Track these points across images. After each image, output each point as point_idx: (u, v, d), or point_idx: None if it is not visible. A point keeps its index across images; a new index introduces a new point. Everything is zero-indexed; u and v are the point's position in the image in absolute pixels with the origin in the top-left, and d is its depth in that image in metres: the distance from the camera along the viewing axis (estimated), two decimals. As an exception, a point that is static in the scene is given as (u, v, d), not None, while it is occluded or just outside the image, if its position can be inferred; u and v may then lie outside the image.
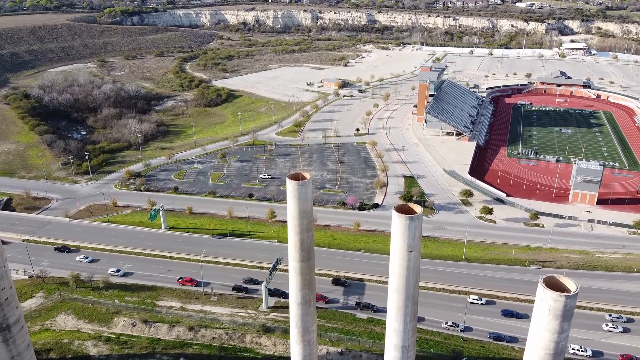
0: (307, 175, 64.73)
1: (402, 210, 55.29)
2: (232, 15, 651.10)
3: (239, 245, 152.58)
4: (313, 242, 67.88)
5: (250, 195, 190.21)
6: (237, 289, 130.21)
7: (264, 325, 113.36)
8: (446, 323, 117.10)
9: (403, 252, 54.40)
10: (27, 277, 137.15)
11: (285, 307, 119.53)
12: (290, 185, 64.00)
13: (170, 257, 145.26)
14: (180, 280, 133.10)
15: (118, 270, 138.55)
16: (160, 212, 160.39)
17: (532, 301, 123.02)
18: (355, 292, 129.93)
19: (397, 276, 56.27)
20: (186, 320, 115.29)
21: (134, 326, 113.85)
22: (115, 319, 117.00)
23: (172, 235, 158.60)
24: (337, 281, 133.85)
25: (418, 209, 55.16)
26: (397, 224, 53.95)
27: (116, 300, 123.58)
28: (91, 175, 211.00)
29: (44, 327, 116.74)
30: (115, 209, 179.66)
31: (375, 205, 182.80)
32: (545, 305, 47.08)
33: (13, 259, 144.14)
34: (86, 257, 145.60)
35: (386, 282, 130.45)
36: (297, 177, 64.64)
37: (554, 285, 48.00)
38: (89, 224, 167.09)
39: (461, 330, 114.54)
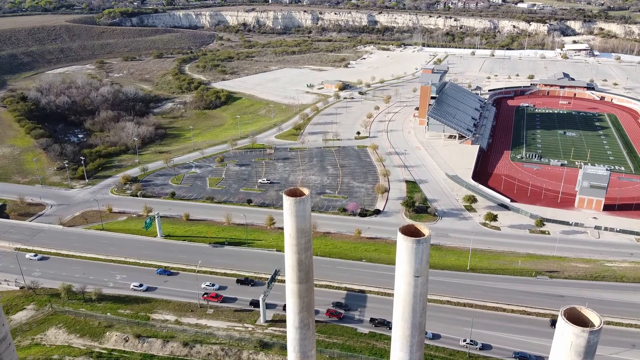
0: (306, 191, 60.43)
1: (408, 231, 51.05)
2: (232, 16, 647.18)
3: (237, 255, 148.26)
4: (312, 262, 63.64)
5: (249, 201, 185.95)
6: (254, 304, 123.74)
7: (262, 340, 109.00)
8: (464, 341, 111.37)
9: (409, 278, 50.18)
10: (18, 288, 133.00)
11: (284, 321, 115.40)
12: (287, 202, 59.68)
13: (165, 267, 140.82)
14: (205, 295, 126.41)
15: (141, 285, 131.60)
16: (156, 219, 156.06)
17: (539, 314, 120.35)
18: (360, 306, 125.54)
19: (402, 303, 52.05)
20: (181, 335, 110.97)
21: (127, 341, 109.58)
22: (107, 333, 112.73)
23: (168, 244, 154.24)
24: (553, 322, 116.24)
25: (426, 230, 50.90)
26: (403, 248, 49.72)
27: (108, 314, 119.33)
28: (87, 180, 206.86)
29: (34, 342, 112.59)
30: (110, 216, 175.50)
31: (377, 212, 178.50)
32: (567, 341, 42.92)
33: (4, 268, 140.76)
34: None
35: (389, 294, 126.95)
36: (294, 193, 60.38)
37: (576, 317, 43.84)
38: (82, 231, 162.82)
39: (480, 349, 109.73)
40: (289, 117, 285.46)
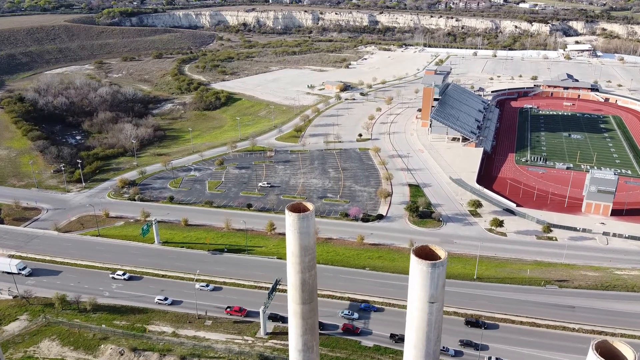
0: (310, 206, 56.47)
1: (422, 253, 47.12)
2: (232, 16, 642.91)
3: (236, 262, 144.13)
4: (316, 282, 59.70)
5: (249, 206, 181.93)
6: (273, 317, 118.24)
7: (262, 354, 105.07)
8: (489, 359, 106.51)
9: (423, 304, 46.26)
10: (11, 297, 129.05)
11: (285, 334, 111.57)
12: (290, 218, 55.68)
13: (162, 276, 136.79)
14: (228, 309, 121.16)
15: (165, 299, 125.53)
16: (153, 226, 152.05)
17: (550, 326, 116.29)
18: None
19: (415, 331, 48.14)
20: (178, 349, 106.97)
21: (122, 355, 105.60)
22: (102, 346, 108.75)
23: (166, 251, 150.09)
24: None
25: (441, 252, 46.97)
26: (417, 271, 45.78)
27: (103, 325, 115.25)
28: (84, 183, 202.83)
29: (27, 355, 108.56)
30: (107, 221, 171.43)
31: (380, 217, 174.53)
32: (599, 379, 38.99)
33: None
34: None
35: (394, 305, 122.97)
36: (297, 208, 56.38)
37: (608, 352, 39.95)
38: (78, 237, 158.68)
39: None
40: (290, 119, 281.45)
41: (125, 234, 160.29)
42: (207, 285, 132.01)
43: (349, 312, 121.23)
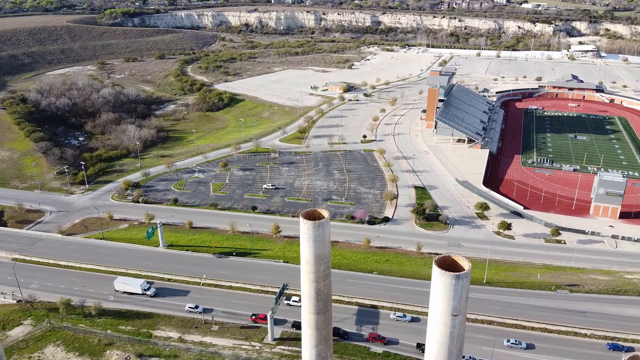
0: (325, 214, 54.81)
1: (444, 263, 45.47)
2: (235, 17, 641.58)
3: (242, 266, 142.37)
4: (330, 291, 57.99)
5: (254, 208, 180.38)
6: (296, 325, 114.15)
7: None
8: None
9: (446, 317, 44.60)
10: (15, 302, 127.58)
11: (293, 339, 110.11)
12: (305, 226, 54.05)
13: (168, 280, 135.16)
14: (253, 317, 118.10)
15: (196, 307, 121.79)
16: (158, 229, 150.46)
17: (561, 332, 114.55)
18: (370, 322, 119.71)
19: (436, 344, 46.47)
20: (185, 355, 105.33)
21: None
22: (107, 352, 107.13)
23: (171, 254, 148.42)
24: None
25: (465, 263, 45.30)
26: (439, 283, 44.12)
27: (109, 331, 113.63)
28: (87, 185, 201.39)
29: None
30: (111, 223, 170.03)
31: (386, 219, 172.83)
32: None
33: (1, 280, 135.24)
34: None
35: (402, 310, 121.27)
36: (312, 216, 54.75)
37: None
38: (82, 241, 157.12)
39: None
40: (293, 120, 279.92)
41: (130, 237, 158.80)
42: (404, 316, 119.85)
43: (516, 341, 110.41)
